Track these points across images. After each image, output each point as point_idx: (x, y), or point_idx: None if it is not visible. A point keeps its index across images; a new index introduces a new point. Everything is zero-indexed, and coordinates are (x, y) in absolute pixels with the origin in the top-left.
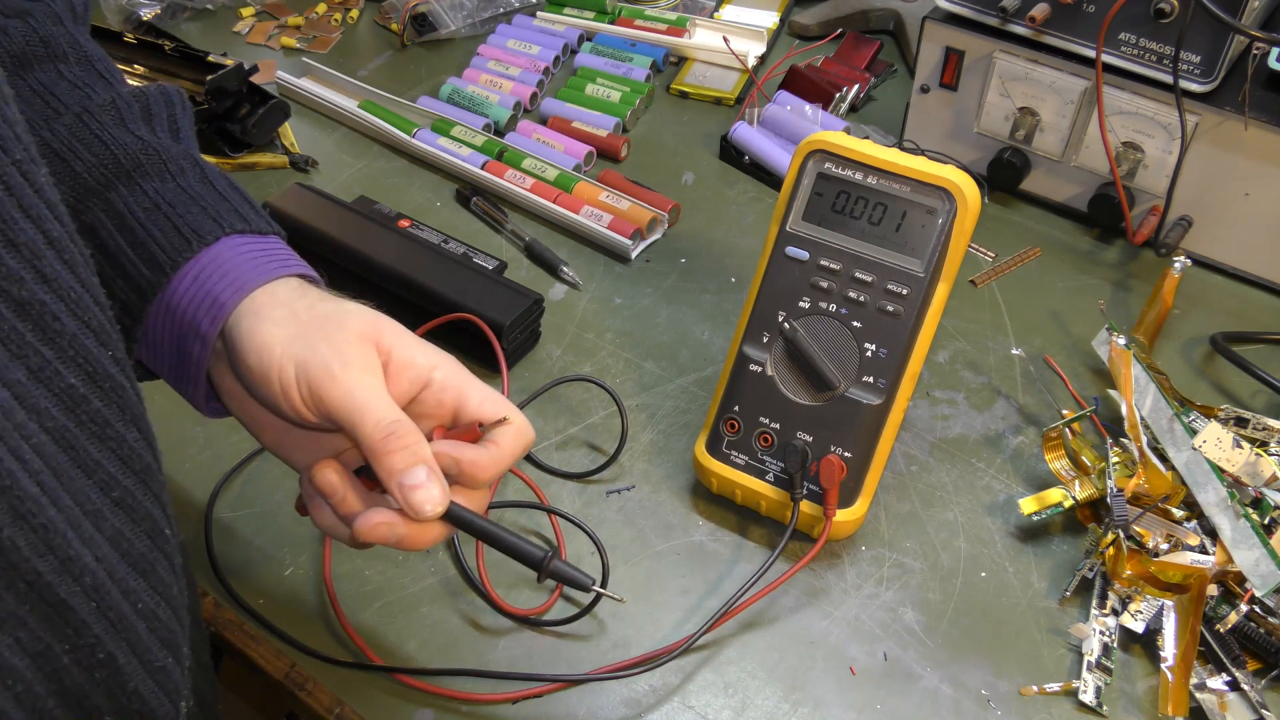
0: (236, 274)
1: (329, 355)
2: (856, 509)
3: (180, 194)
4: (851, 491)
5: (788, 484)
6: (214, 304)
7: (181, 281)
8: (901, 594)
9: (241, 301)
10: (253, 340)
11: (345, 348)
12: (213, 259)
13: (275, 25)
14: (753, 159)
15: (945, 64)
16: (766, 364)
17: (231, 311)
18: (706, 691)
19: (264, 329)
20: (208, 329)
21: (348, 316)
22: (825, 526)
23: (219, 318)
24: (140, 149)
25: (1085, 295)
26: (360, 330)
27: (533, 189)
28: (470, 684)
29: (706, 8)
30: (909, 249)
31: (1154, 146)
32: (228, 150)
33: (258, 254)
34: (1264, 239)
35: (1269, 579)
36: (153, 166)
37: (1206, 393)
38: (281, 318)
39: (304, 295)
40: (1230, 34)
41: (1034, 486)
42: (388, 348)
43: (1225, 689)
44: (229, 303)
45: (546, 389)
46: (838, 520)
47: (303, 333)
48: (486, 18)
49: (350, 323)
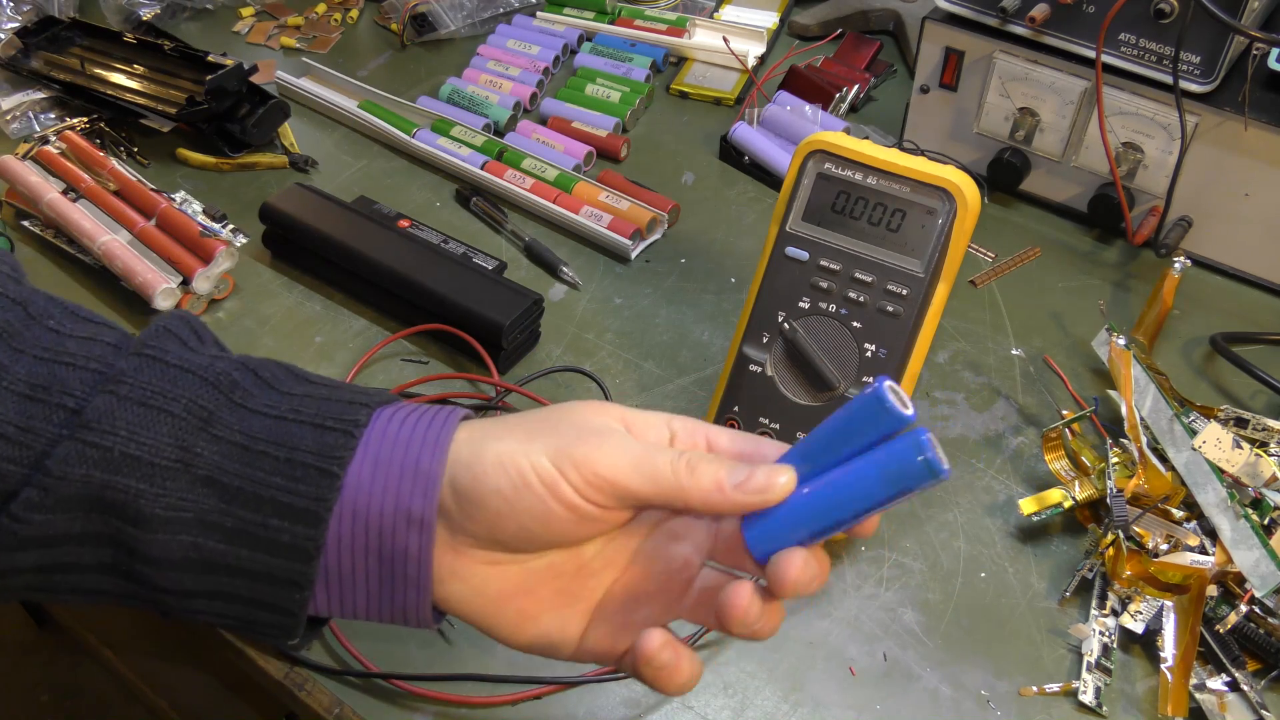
0: (420, 437)
1: (581, 432)
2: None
3: (289, 398)
4: None
5: None
6: (418, 474)
7: (359, 477)
8: (901, 594)
9: (447, 459)
10: (484, 466)
11: (590, 420)
12: (380, 437)
13: (275, 25)
14: (753, 159)
15: (945, 64)
16: (766, 364)
17: (442, 475)
18: (706, 692)
19: (493, 449)
20: (423, 506)
21: (563, 406)
22: None
23: (432, 487)
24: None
25: (1085, 296)
26: (588, 406)
27: (532, 189)
28: (469, 687)
29: (706, 8)
30: (909, 249)
31: (1154, 147)
32: (228, 150)
33: (418, 413)
34: (1264, 239)
35: (1269, 579)
36: (247, 382)
37: (1206, 393)
38: (501, 434)
39: (496, 418)
40: (1230, 34)
41: (1034, 487)
42: (618, 414)
43: (1225, 689)
44: (435, 468)
45: (533, 378)
46: None
47: (534, 432)
48: (486, 18)
49: (573, 406)
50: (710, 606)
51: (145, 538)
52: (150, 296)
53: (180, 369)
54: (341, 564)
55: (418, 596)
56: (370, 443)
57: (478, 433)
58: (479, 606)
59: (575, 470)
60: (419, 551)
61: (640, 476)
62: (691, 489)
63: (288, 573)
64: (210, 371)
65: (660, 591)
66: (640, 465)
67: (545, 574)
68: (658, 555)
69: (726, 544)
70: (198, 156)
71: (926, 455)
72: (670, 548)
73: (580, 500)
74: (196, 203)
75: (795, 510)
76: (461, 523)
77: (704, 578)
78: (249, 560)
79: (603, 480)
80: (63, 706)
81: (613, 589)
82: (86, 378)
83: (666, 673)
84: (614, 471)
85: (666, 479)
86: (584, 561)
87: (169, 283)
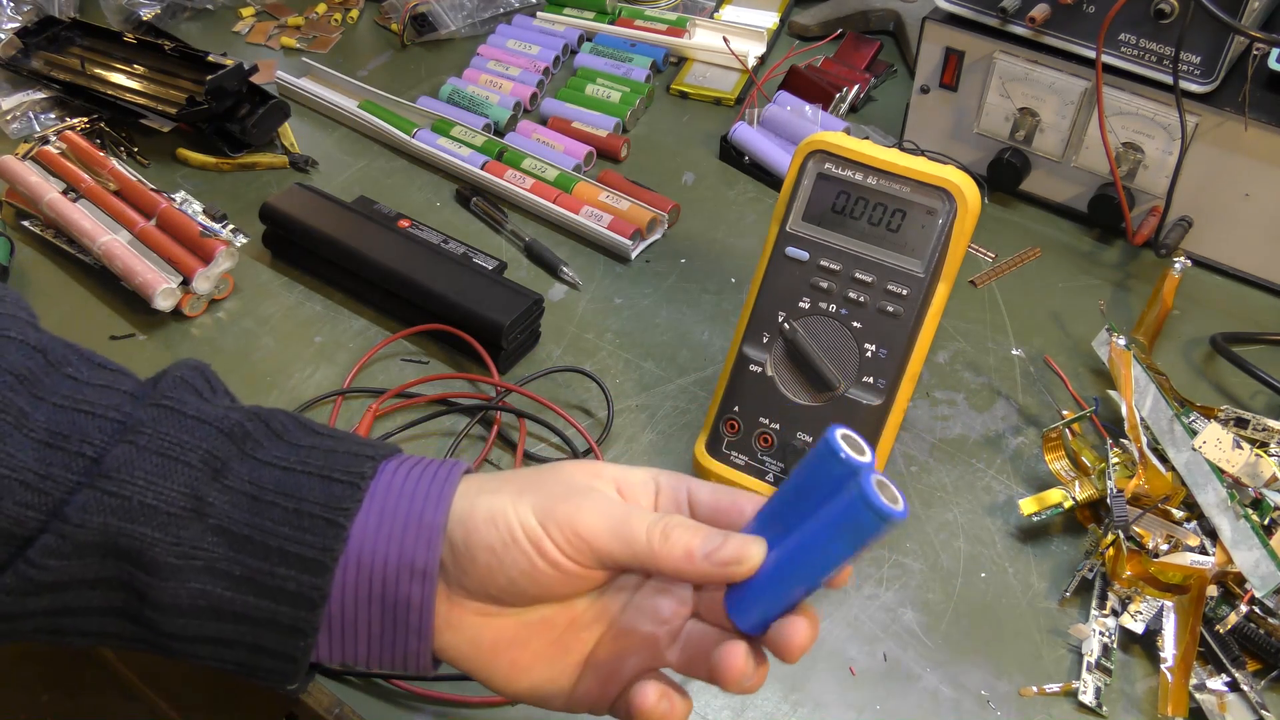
0: (425, 492)
1: (568, 491)
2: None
3: (297, 450)
4: None
5: None
6: (421, 526)
7: (364, 529)
8: (901, 594)
9: (451, 513)
10: (476, 521)
11: (578, 479)
12: (385, 490)
13: (275, 25)
14: (753, 159)
15: (945, 64)
16: (766, 364)
17: (445, 528)
18: (706, 692)
19: (485, 503)
20: (426, 557)
21: (557, 464)
22: None
23: (435, 539)
24: (242, 418)
25: (1085, 296)
26: (580, 466)
27: (532, 189)
28: (469, 688)
29: (706, 8)
30: (909, 249)
31: (1154, 147)
32: (228, 150)
33: (421, 466)
34: (1264, 240)
35: (1269, 580)
36: (259, 433)
37: (1206, 393)
38: (495, 488)
39: (494, 474)
40: (1230, 34)
41: (1034, 487)
42: (610, 474)
43: (1225, 690)
44: (438, 520)
45: (533, 378)
46: None
47: (525, 489)
48: (486, 18)
49: (565, 465)
50: (696, 657)
51: (157, 584)
52: (150, 296)
53: (197, 420)
54: (345, 612)
55: (419, 644)
56: (376, 495)
57: (474, 486)
58: (473, 656)
59: (558, 529)
60: (420, 601)
61: (616, 540)
62: (663, 556)
63: (293, 620)
64: (225, 423)
65: (648, 643)
66: (617, 529)
67: (538, 627)
68: (646, 607)
69: (711, 600)
70: (198, 156)
71: (872, 503)
72: (657, 601)
73: (563, 558)
74: (196, 203)
75: (767, 579)
76: (457, 575)
77: (690, 629)
78: (255, 607)
79: (581, 540)
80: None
81: (603, 639)
82: (105, 426)
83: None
84: (591, 533)
85: (640, 544)
86: (576, 614)
87: (169, 283)
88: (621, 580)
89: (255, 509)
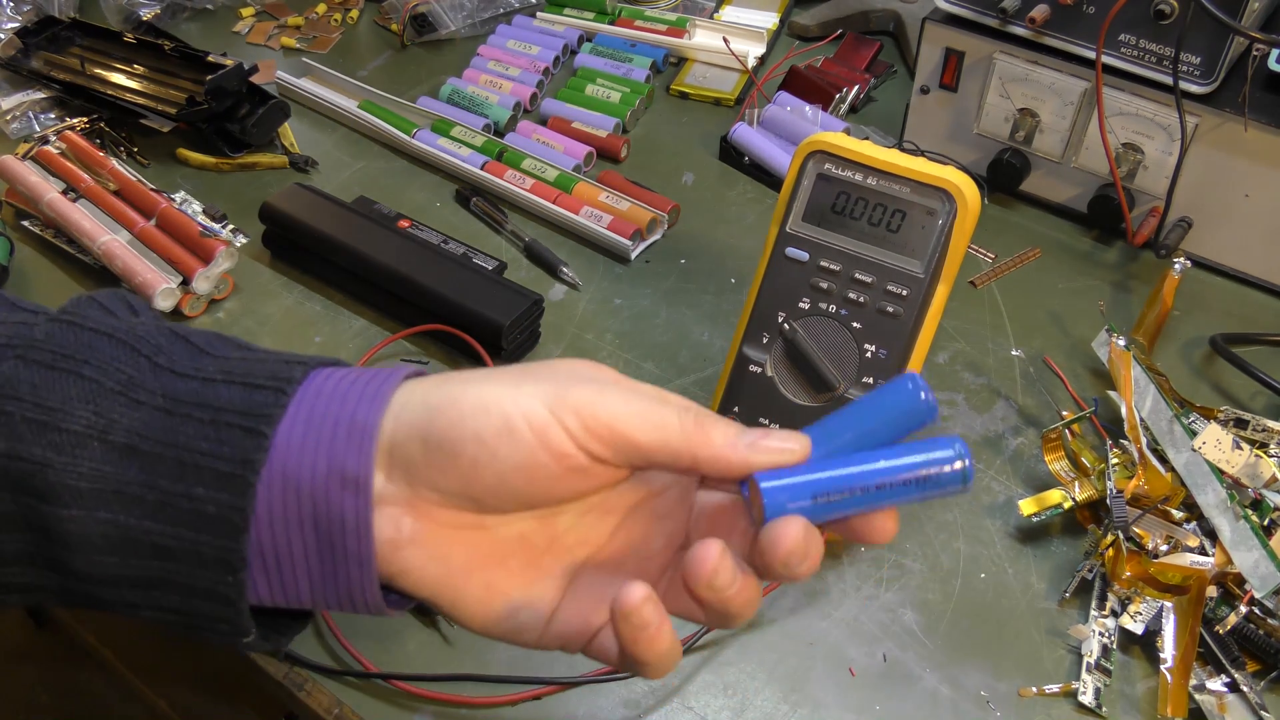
0: (359, 392)
1: (579, 380)
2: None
3: (221, 361)
4: None
5: None
6: (353, 428)
7: (289, 438)
8: (901, 595)
9: (387, 411)
10: (461, 411)
11: (580, 370)
12: (315, 395)
13: (275, 25)
14: (753, 160)
15: (945, 65)
16: (766, 365)
17: (380, 425)
18: (705, 692)
19: (473, 392)
20: (358, 464)
21: (554, 360)
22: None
23: (368, 441)
24: (153, 332)
25: (1085, 296)
26: (582, 361)
27: (532, 189)
28: (469, 688)
29: (706, 8)
30: (909, 250)
31: (1154, 148)
32: (228, 150)
33: (360, 371)
34: (1264, 240)
35: (1268, 580)
36: (175, 347)
37: (1206, 394)
38: (482, 379)
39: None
40: (1230, 35)
41: (1033, 488)
42: (613, 373)
43: (1225, 690)
44: (371, 421)
45: None
46: None
47: (523, 378)
48: (486, 18)
49: (566, 360)
50: (684, 592)
51: (57, 514)
52: (150, 296)
53: (96, 332)
54: (277, 540)
55: (360, 573)
56: (304, 401)
57: (453, 380)
58: (441, 578)
59: (575, 416)
60: (356, 518)
61: (647, 427)
62: (701, 445)
63: (217, 551)
64: (131, 335)
65: (637, 572)
66: (647, 416)
67: (515, 544)
68: (634, 534)
69: (703, 530)
70: (198, 156)
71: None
72: (648, 527)
73: (574, 449)
74: (196, 203)
75: (808, 477)
76: (430, 476)
77: (678, 564)
78: (175, 538)
79: (605, 428)
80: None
81: (586, 564)
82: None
83: (648, 635)
84: (618, 420)
85: (675, 433)
86: (557, 534)
87: (169, 283)
88: (610, 502)
89: (168, 425)
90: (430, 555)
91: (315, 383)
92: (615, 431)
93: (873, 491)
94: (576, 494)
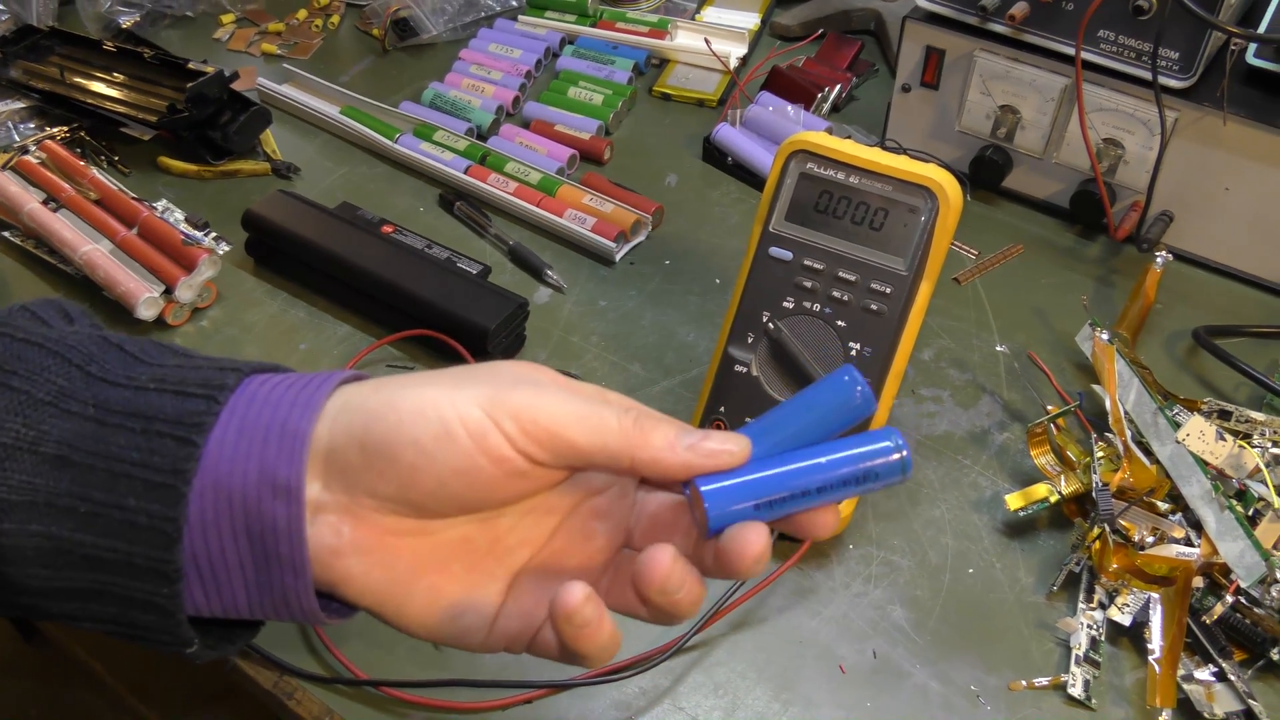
0: (291, 399)
1: (518, 382)
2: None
3: (154, 369)
4: None
5: None
6: (284, 435)
7: (221, 446)
8: (890, 591)
9: (318, 417)
10: (399, 415)
11: (520, 373)
12: (249, 401)
13: (256, 32)
14: (736, 160)
15: (926, 63)
16: (751, 364)
17: (311, 431)
18: (697, 693)
19: (411, 396)
20: (289, 471)
21: (492, 363)
22: None
23: (300, 448)
24: (86, 341)
25: (1068, 291)
26: (521, 363)
27: (516, 193)
28: (459, 693)
29: (688, 10)
30: (892, 248)
31: (1134, 143)
32: (209, 158)
33: (294, 377)
34: (1244, 233)
35: (1254, 570)
36: (109, 356)
37: (1190, 386)
38: (421, 382)
39: (413, 371)
40: (1208, 30)
41: (1020, 482)
42: (552, 375)
43: (1212, 680)
44: (303, 427)
45: None
46: None
47: (461, 381)
48: (468, 22)
49: (504, 363)
50: (626, 589)
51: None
52: (133, 306)
53: (27, 343)
54: (211, 550)
55: (296, 581)
56: (237, 409)
57: (391, 384)
58: (387, 584)
59: (513, 419)
60: (289, 525)
61: (586, 430)
62: (640, 447)
63: (150, 562)
64: (61, 344)
65: (579, 570)
66: (585, 418)
67: (457, 548)
68: (574, 534)
69: (645, 528)
70: (179, 164)
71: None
72: (589, 526)
73: (512, 453)
74: (178, 211)
75: (750, 479)
76: (368, 481)
77: (623, 559)
78: (109, 549)
79: (543, 431)
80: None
81: (528, 565)
82: None
83: (588, 632)
84: (555, 422)
85: (613, 436)
86: (499, 536)
87: (151, 292)
88: (551, 502)
89: (100, 435)
90: (372, 562)
91: (249, 389)
92: (553, 435)
93: (814, 490)
94: (517, 496)
